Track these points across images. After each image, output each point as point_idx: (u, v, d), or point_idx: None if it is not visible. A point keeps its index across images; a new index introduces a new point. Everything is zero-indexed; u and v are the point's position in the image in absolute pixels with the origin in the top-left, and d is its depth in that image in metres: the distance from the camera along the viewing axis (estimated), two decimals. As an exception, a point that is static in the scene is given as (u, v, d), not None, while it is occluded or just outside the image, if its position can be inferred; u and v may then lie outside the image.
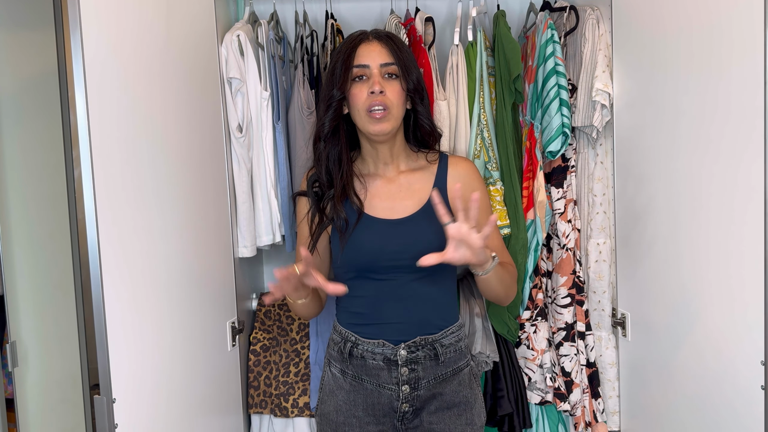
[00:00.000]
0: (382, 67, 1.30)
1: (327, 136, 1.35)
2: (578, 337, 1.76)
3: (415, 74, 1.34)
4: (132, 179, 1.20)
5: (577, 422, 1.74)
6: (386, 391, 1.34)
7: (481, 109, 1.66)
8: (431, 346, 1.34)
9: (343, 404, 1.37)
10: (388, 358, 1.33)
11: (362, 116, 1.30)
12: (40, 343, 1.85)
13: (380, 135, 1.30)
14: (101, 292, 1.08)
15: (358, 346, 1.35)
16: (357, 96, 1.30)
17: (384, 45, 1.32)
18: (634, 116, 1.59)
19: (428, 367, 1.33)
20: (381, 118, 1.28)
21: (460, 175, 1.38)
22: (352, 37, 1.35)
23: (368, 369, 1.34)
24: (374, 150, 1.37)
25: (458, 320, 1.40)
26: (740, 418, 1.27)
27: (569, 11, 1.72)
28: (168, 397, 1.32)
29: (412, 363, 1.32)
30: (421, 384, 1.33)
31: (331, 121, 1.33)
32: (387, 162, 1.38)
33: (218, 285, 1.59)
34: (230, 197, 1.66)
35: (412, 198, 1.36)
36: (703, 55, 1.32)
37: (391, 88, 1.30)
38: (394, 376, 1.33)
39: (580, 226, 1.78)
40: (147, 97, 1.27)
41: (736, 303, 1.27)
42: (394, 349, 1.32)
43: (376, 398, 1.34)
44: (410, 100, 1.35)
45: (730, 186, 1.26)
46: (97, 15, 1.10)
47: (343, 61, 1.31)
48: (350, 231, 1.33)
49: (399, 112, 1.31)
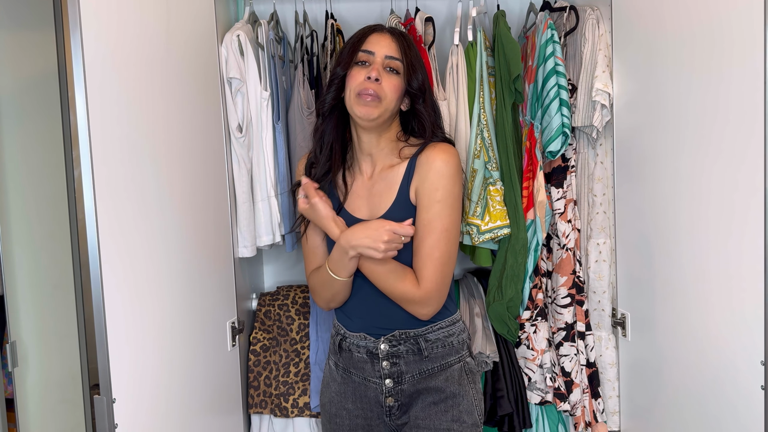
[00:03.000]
0: (386, 59, 1.31)
1: (326, 113, 1.37)
2: (578, 337, 1.76)
3: (420, 76, 1.33)
4: (132, 179, 1.20)
5: (577, 422, 1.74)
6: (371, 384, 1.36)
7: (481, 109, 1.66)
8: (414, 340, 1.34)
9: (335, 396, 1.41)
10: (370, 351, 1.35)
11: (352, 97, 1.30)
12: (40, 343, 1.84)
13: (365, 119, 1.29)
14: (101, 292, 1.08)
15: (345, 339, 1.39)
16: (354, 78, 1.30)
17: (394, 40, 1.33)
18: (634, 116, 1.59)
19: (411, 362, 1.34)
20: (369, 102, 1.28)
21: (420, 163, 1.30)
22: (368, 26, 1.37)
23: (354, 362, 1.37)
24: (358, 140, 1.37)
25: (452, 316, 1.38)
26: (740, 418, 1.27)
27: (569, 11, 1.72)
28: (168, 397, 1.32)
29: (393, 357, 1.34)
30: (405, 378, 1.34)
31: (331, 99, 1.35)
32: (370, 155, 1.37)
33: (218, 285, 1.59)
34: (230, 197, 1.66)
35: (386, 194, 1.34)
36: (703, 55, 1.32)
37: (388, 80, 1.30)
38: (377, 369, 1.35)
39: (580, 226, 1.78)
40: (147, 97, 1.27)
41: (737, 303, 1.27)
42: (375, 342, 1.34)
43: (363, 391, 1.37)
44: (411, 99, 1.35)
45: (730, 186, 1.26)
46: (97, 15, 1.10)
47: (353, 43, 1.33)
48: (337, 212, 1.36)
49: (390, 105, 1.31)
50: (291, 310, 1.87)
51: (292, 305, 1.87)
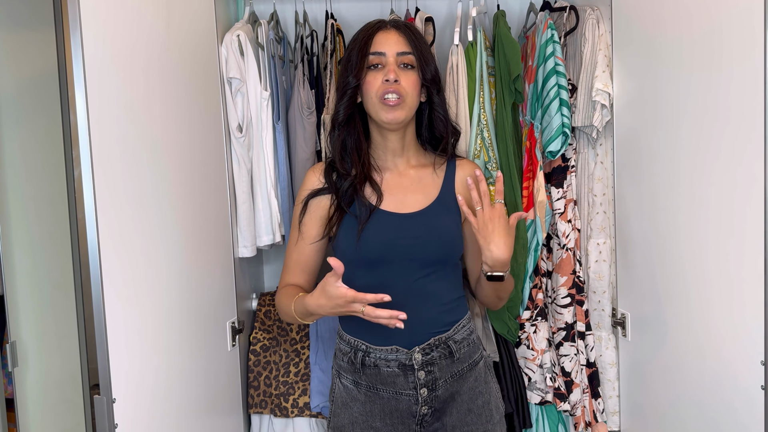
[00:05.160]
0: (399, 56, 1.27)
1: (342, 124, 1.32)
2: (578, 337, 1.76)
3: (433, 65, 1.31)
4: (132, 179, 1.20)
5: (577, 422, 1.74)
6: (404, 397, 1.29)
7: (481, 109, 1.66)
8: (445, 344, 1.30)
9: (359, 416, 1.32)
10: (402, 363, 1.28)
11: (375, 104, 1.27)
12: (40, 343, 1.84)
13: (392, 123, 1.27)
14: (101, 292, 1.08)
15: (370, 354, 1.30)
16: (371, 83, 1.27)
17: (401, 34, 1.29)
18: (634, 116, 1.59)
19: (444, 366, 1.30)
20: (394, 106, 1.25)
21: (467, 177, 1.34)
22: (370, 25, 1.32)
23: (383, 377, 1.29)
24: (384, 140, 1.34)
25: (467, 312, 1.37)
26: (740, 418, 1.27)
27: (569, 11, 1.72)
28: (168, 397, 1.32)
29: (428, 365, 1.28)
30: (439, 384, 1.30)
31: (345, 108, 1.31)
32: (397, 154, 1.35)
33: (218, 285, 1.59)
34: (230, 197, 1.66)
35: (422, 192, 1.33)
36: (703, 55, 1.32)
37: (406, 77, 1.27)
38: (411, 381, 1.28)
39: (580, 226, 1.78)
40: (147, 97, 1.27)
41: (736, 303, 1.27)
42: (408, 353, 1.28)
43: (393, 405, 1.30)
44: (426, 91, 1.32)
45: (730, 186, 1.26)
46: (97, 15, 1.10)
47: (360, 48, 1.28)
48: (365, 221, 1.28)
49: (413, 102, 1.28)
50: (291, 310, 1.87)
51: (292, 305, 1.88)
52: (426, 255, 1.25)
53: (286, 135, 1.72)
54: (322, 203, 1.35)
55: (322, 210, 1.35)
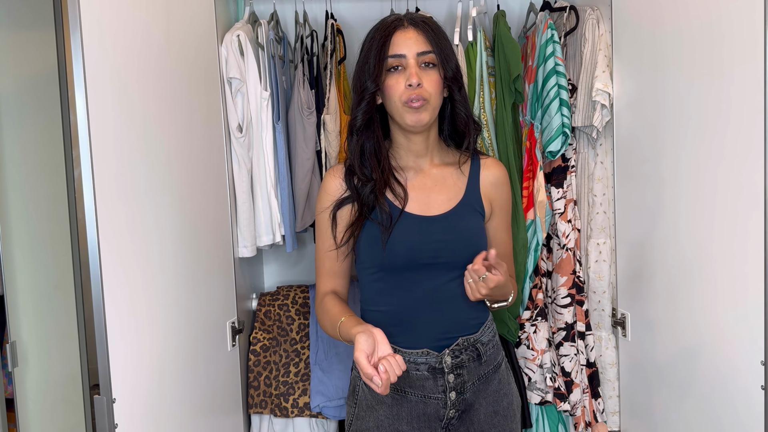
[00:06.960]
0: (419, 56, 1.22)
1: (360, 129, 1.28)
2: (578, 337, 1.76)
3: (453, 61, 1.26)
4: (132, 179, 1.20)
5: (577, 422, 1.74)
6: (432, 400, 1.26)
7: (481, 109, 1.66)
8: (473, 347, 1.28)
9: (385, 419, 1.28)
10: (432, 366, 1.26)
11: (399, 108, 1.23)
12: (40, 343, 1.84)
13: (417, 126, 1.24)
14: (101, 292, 1.08)
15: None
16: (393, 88, 1.22)
17: (420, 32, 1.23)
18: (634, 116, 1.59)
19: (472, 369, 1.28)
20: (419, 108, 1.21)
21: (493, 177, 1.33)
22: (386, 24, 1.26)
23: (411, 380, 1.26)
24: (408, 141, 1.30)
25: (489, 314, 1.36)
26: (740, 418, 1.27)
27: (569, 11, 1.72)
28: (168, 397, 1.32)
29: (457, 368, 1.27)
30: (467, 387, 1.28)
31: (364, 113, 1.26)
32: (421, 154, 1.32)
33: (218, 285, 1.59)
34: (230, 197, 1.66)
35: (446, 192, 1.31)
36: (703, 55, 1.32)
37: (428, 78, 1.23)
38: (440, 384, 1.27)
39: (580, 226, 1.78)
40: (147, 97, 1.27)
41: (737, 303, 1.27)
42: (438, 356, 1.25)
43: (421, 409, 1.27)
44: (447, 88, 1.28)
45: (730, 185, 1.26)
46: (97, 15, 1.10)
47: (378, 50, 1.23)
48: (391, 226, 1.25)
49: (437, 102, 1.25)
50: (291, 310, 1.87)
51: (292, 305, 1.87)
52: (453, 258, 1.23)
53: (286, 135, 1.72)
54: (346, 210, 1.32)
55: (348, 218, 1.32)
